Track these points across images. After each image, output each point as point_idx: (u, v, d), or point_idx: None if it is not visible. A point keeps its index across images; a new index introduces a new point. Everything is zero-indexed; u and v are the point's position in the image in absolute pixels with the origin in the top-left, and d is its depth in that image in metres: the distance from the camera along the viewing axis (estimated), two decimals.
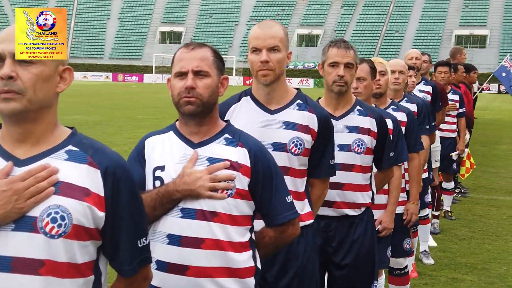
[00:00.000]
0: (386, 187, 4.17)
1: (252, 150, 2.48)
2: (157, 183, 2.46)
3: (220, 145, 2.48)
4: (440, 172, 8.00)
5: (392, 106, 4.65)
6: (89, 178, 1.83)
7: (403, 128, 4.46)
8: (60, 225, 1.77)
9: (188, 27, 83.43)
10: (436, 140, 7.10)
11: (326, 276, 3.77)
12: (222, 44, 78.84)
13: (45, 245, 1.76)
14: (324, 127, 3.12)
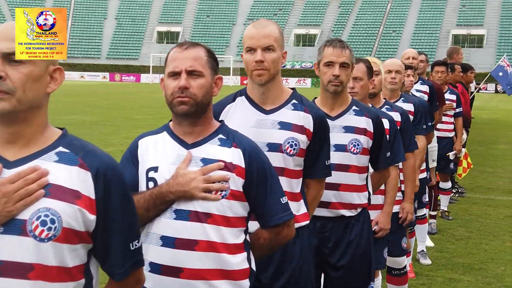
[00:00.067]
0: (382, 187, 4.14)
1: (246, 150, 2.45)
2: (151, 184, 2.44)
3: (214, 146, 2.45)
4: (437, 172, 7.99)
5: (386, 106, 4.63)
6: (79, 180, 1.80)
7: None
8: (50, 228, 1.74)
9: (186, 27, 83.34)
10: (433, 140, 7.08)
11: (322, 277, 3.75)
12: (219, 44, 78.79)
13: (35, 249, 1.73)
14: (319, 127, 3.10)
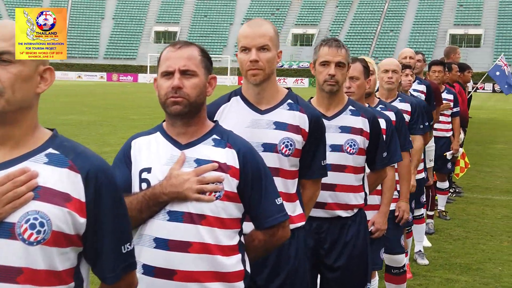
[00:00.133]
0: (379, 187, 4.11)
1: (241, 151, 2.42)
2: (144, 185, 2.41)
3: (208, 146, 2.42)
4: (434, 172, 7.97)
5: (380, 105, 4.60)
6: (69, 182, 1.77)
7: None
8: (39, 231, 1.71)
9: (183, 26, 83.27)
10: (430, 140, 7.06)
11: (318, 278, 3.72)
12: (216, 44, 78.77)
13: (23, 252, 1.70)
14: (315, 127, 3.07)
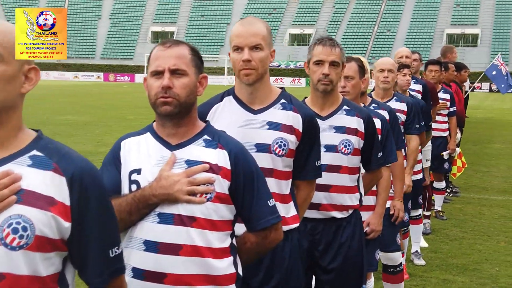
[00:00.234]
0: (374, 188, 4.07)
1: (232, 152, 2.38)
2: (133, 187, 2.36)
3: (199, 147, 2.38)
4: (431, 172, 7.93)
5: (373, 105, 4.56)
6: (53, 185, 1.72)
7: None
8: (21, 236, 1.67)
9: (180, 26, 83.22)
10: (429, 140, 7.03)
11: (313, 280, 3.68)
12: (214, 44, 78.73)
13: (5, 258, 1.66)
14: (309, 127, 3.03)
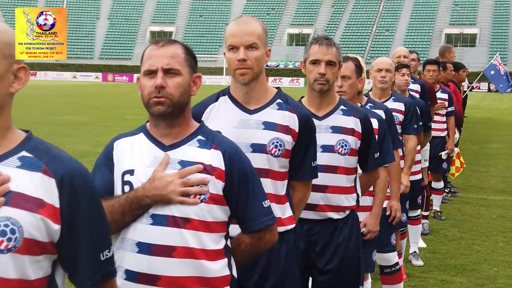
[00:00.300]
0: (371, 188, 4.04)
1: (226, 152, 2.35)
2: (126, 188, 2.33)
3: (192, 148, 2.35)
4: (429, 172, 7.91)
5: (369, 104, 4.53)
6: (43, 187, 1.69)
7: None
8: (10, 239, 1.64)
9: (178, 26, 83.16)
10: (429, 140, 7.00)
11: (310, 281, 3.65)
12: (212, 44, 78.67)
13: None
14: (305, 127, 3.00)
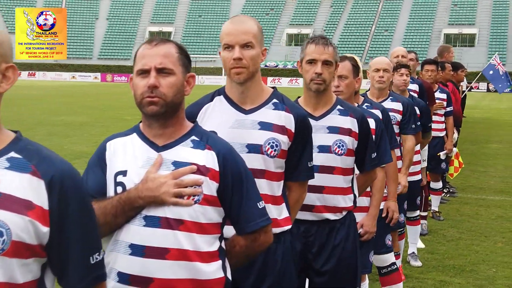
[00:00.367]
0: (368, 189, 4.01)
1: (220, 153, 2.32)
2: (119, 189, 2.30)
3: (186, 148, 2.31)
4: (428, 172, 7.88)
5: (366, 104, 4.50)
6: (31, 189, 1.66)
7: None
8: None
9: (177, 26, 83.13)
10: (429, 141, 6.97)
11: (307, 283, 3.62)
12: (211, 44, 78.60)
13: None
14: (301, 128, 2.97)
